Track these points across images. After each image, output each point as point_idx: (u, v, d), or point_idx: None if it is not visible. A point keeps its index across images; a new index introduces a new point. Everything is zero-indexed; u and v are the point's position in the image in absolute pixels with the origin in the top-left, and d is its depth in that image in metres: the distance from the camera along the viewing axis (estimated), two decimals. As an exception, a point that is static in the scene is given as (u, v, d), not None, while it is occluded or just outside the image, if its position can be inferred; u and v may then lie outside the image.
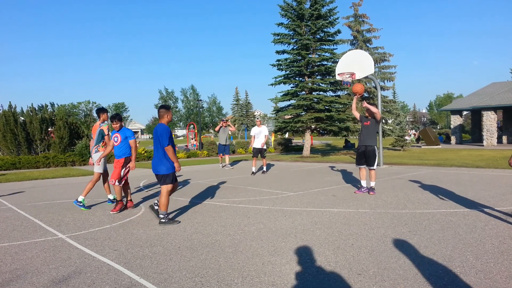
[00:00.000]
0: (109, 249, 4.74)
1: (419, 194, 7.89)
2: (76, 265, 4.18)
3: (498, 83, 34.42)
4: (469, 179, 9.93)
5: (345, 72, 14.46)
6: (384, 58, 26.87)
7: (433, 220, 5.67)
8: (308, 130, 21.27)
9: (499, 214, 5.90)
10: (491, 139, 26.18)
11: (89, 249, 4.77)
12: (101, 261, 4.29)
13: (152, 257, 4.38)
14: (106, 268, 4.08)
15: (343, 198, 7.76)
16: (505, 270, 3.63)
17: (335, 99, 20.59)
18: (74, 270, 4.04)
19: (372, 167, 8.18)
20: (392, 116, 27.61)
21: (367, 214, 6.27)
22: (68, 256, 4.51)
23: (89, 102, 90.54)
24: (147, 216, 6.68)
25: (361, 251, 4.36)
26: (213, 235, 5.26)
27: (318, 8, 20.22)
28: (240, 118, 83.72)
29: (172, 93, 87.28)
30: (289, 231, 5.34)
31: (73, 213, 7.10)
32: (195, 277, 3.74)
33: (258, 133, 13.13)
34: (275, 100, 22.03)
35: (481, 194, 7.69)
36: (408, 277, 3.55)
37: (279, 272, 3.81)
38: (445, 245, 4.46)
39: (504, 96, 25.86)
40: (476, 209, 6.34)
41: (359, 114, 8.73)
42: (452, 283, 3.40)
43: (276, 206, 7.17)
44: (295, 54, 20.73)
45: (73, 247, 4.91)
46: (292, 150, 28.22)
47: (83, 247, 4.89)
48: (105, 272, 3.94)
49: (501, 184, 8.95)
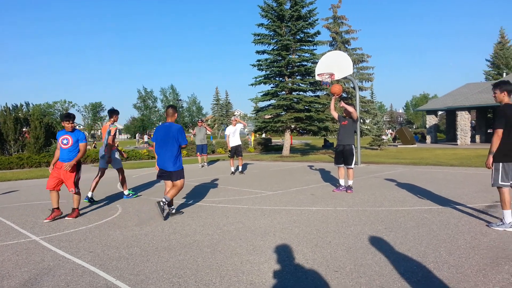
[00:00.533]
0: (84, 251, 4.66)
1: (395, 192, 8.04)
2: (50, 268, 4.09)
3: (472, 84, 35.39)
4: (443, 177, 10.17)
5: (325, 73, 14.61)
6: (362, 59, 27.24)
7: (408, 217, 5.78)
8: (288, 129, 21.38)
9: (472, 211, 6.07)
10: (465, 139, 26.88)
11: (63, 251, 4.67)
12: (76, 263, 4.21)
13: (129, 258, 4.32)
14: (81, 270, 4.00)
15: (322, 197, 7.84)
16: (476, 265, 3.74)
17: (314, 99, 20.77)
18: (48, 272, 3.94)
19: (350, 166, 8.29)
20: (370, 116, 28.01)
21: (345, 212, 6.35)
22: (42, 259, 4.41)
23: (65, 101, 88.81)
24: (124, 217, 6.59)
25: (339, 248, 4.41)
26: (191, 235, 5.23)
27: (298, 9, 20.34)
28: (220, 118, 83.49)
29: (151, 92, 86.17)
30: (268, 230, 5.35)
31: (47, 214, 6.93)
32: (173, 277, 3.71)
33: (233, 132, 13.02)
34: (255, 100, 22.06)
35: (455, 192, 7.89)
36: (383, 273, 3.61)
37: (258, 270, 3.82)
38: (419, 242, 4.56)
39: (477, 97, 26.59)
40: (449, 206, 6.51)
41: (337, 114, 8.82)
42: (425, 278, 3.48)
43: (255, 205, 7.18)
44: (276, 55, 20.81)
45: (47, 249, 4.80)
46: (271, 149, 28.31)
47: (57, 249, 4.78)
48: (79, 274, 3.87)
49: (474, 182, 9.21)
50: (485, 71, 55.09)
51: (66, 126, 6.54)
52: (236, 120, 13.28)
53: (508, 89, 5.00)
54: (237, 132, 13.07)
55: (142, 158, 21.61)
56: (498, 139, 4.91)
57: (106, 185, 10.81)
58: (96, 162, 20.00)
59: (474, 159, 15.03)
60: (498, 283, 3.30)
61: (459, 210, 6.19)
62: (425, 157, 17.14)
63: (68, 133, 6.55)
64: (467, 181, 9.40)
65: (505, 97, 5.02)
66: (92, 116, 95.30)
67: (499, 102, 5.11)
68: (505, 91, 5.01)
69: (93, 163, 19.84)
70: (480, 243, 4.41)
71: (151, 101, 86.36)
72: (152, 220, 6.22)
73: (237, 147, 12.91)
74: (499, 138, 4.91)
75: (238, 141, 13.02)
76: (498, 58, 52.40)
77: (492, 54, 54.31)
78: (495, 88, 5.09)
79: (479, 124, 30.47)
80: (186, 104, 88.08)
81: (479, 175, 10.33)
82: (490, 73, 53.42)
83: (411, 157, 17.54)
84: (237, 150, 12.91)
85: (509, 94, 5.02)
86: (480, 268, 3.65)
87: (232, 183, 10.60)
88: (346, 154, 8.25)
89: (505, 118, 4.87)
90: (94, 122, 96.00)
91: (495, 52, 53.45)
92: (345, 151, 8.26)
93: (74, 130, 6.63)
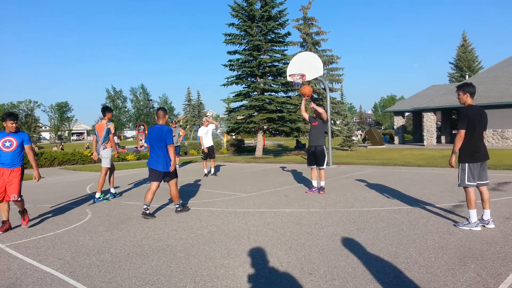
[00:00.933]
0: (53, 258, 4.50)
1: (365, 193, 8.20)
2: (17, 277, 3.93)
3: (437, 86, 36.64)
4: (411, 178, 10.47)
5: (296, 74, 14.73)
6: (332, 61, 27.63)
7: (379, 218, 5.91)
8: (261, 130, 21.44)
9: (439, 211, 6.27)
10: (431, 139, 27.76)
11: (31, 259, 4.50)
12: (44, 271, 4.06)
13: (100, 265, 4.21)
14: (49, 278, 3.87)
15: (295, 198, 7.90)
16: (445, 264, 3.86)
17: (286, 100, 20.92)
18: (14, 282, 3.79)
19: (321, 167, 8.40)
20: (340, 117, 28.49)
21: (318, 213, 6.42)
22: (8, 267, 4.23)
23: (30, 101, 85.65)
24: (94, 221, 6.42)
25: (312, 250, 4.45)
26: (164, 240, 5.16)
27: (268, 10, 20.44)
28: (192, 119, 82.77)
29: (120, 92, 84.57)
30: (242, 233, 5.34)
31: (13, 220, 6.65)
32: (145, 284, 3.65)
33: (205, 133, 12.92)
34: (228, 100, 21.98)
35: (422, 192, 8.13)
36: (356, 275, 3.67)
37: (232, 275, 3.81)
38: (390, 242, 4.66)
39: (442, 98, 27.52)
40: (418, 206, 6.70)
41: (308, 115, 8.91)
42: (397, 278, 3.56)
43: (229, 208, 7.15)
44: (247, 55, 20.82)
45: (13, 257, 4.62)
46: (244, 151, 28.31)
47: (24, 256, 4.60)
48: (48, 283, 3.74)
49: (440, 182, 9.51)
50: (449, 73, 57.21)
51: (8, 127, 5.90)
52: (207, 121, 13.18)
53: (470, 91, 5.19)
54: (210, 132, 13.00)
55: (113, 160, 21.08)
56: (460, 139, 5.10)
57: (74, 188, 10.51)
58: (64, 164, 19.39)
59: (440, 159, 15.54)
60: (466, 281, 3.43)
61: (427, 210, 6.38)
62: (393, 157, 17.59)
63: (11, 134, 5.94)
64: (434, 181, 9.70)
65: (468, 98, 5.21)
66: (58, 117, 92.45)
67: (462, 104, 5.30)
68: (468, 93, 5.20)
69: (60, 165, 19.24)
70: (448, 243, 4.56)
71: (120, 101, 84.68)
72: (124, 225, 6.09)
73: (210, 147, 12.82)
74: (462, 139, 5.09)
75: (211, 142, 12.95)
76: (461, 61, 54.46)
77: (455, 57, 56.42)
78: (459, 90, 5.28)
79: (444, 125, 31.54)
80: (157, 104, 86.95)
81: (445, 175, 10.69)
82: (454, 75, 55.46)
83: (380, 157, 17.95)
84: (210, 152, 12.82)
85: (471, 96, 5.21)
86: (448, 268, 3.77)
87: (205, 185, 10.53)
88: (318, 155, 8.35)
89: (468, 120, 5.06)
90: (61, 122, 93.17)
91: (458, 55, 55.54)
92: (316, 152, 8.35)
93: (18, 131, 6.04)
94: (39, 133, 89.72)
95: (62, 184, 11.77)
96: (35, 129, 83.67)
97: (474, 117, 5.07)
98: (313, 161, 8.47)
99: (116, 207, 7.65)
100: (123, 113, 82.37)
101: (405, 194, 7.92)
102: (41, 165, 18.49)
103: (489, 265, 3.79)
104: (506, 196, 7.18)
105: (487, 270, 3.66)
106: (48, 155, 19.56)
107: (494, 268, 3.71)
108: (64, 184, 11.74)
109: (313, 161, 8.47)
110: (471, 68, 52.86)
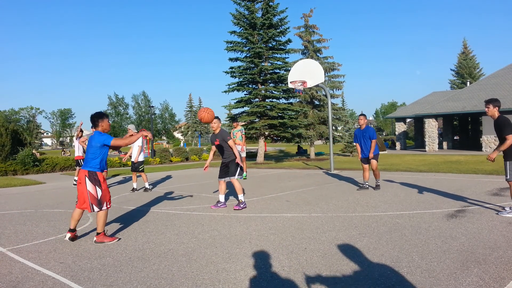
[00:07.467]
0: (54, 262, 4.50)
1: (367, 198, 8.18)
2: (18, 280, 3.92)
3: (438, 92, 36.68)
4: (413, 183, 10.44)
5: (297, 80, 14.80)
6: (333, 68, 27.65)
7: (381, 223, 5.90)
8: (262, 136, 21.47)
9: (441, 216, 6.25)
10: (433, 145, 27.73)
11: (32, 263, 4.49)
12: (46, 275, 4.06)
13: (101, 269, 4.20)
14: (51, 282, 3.86)
15: (297, 203, 7.88)
16: (447, 268, 3.85)
17: (287, 106, 20.97)
18: (16, 285, 3.78)
19: (233, 177, 7.74)
20: (342, 123, 28.49)
21: (320, 218, 6.41)
22: (9, 271, 4.23)
23: (32, 108, 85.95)
24: (95, 226, 6.39)
25: (314, 255, 4.44)
26: (166, 244, 5.15)
27: (270, 18, 20.57)
28: (194, 125, 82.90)
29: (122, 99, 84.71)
30: (244, 237, 5.33)
31: (15, 225, 6.67)
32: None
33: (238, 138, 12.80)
34: (229, 107, 22.05)
35: (424, 197, 8.11)
36: (359, 279, 3.66)
37: (234, 279, 3.80)
38: (392, 246, 4.65)
39: (444, 105, 27.53)
40: (420, 211, 6.68)
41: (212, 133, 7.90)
42: (400, 283, 3.55)
43: (230, 213, 7.14)
44: (248, 62, 20.92)
45: (14, 261, 4.61)
46: (246, 156, 28.24)
47: (26, 260, 4.60)
48: (50, 286, 3.73)
49: (442, 187, 9.49)
50: (450, 80, 57.36)
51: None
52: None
53: (499, 105, 6.29)
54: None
55: (114, 165, 21.15)
56: (511, 143, 5.96)
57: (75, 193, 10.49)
58: (65, 170, 19.43)
59: (442, 165, 15.51)
60: (469, 286, 3.41)
61: (429, 214, 6.36)
62: (395, 163, 17.56)
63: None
64: (435, 186, 9.67)
65: (496, 111, 6.24)
66: (61, 123, 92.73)
67: (490, 115, 6.30)
68: (497, 106, 6.26)
69: (62, 171, 19.27)
70: (451, 247, 4.54)
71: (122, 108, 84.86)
72: (125, 229, 6.08)
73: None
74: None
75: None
76: (462, 68, 54.59)
77: (456, 64, 56.58)
78: (489, 104, 6.27)
79: (445, 131, 31.53)
80: (159, 111, 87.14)
81: (447, 181, 10.66)
82: (455, 82, 55.57)
83: (381, 163, 17.89)
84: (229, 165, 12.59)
85: (499, 109, 6.27)
86: (451, 272, 3.75)
87: (207, 190, 10.52)
88: (230, 165, 7.68)
89: (510, 126, 5.97)
90: (63, 129, 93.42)
91: (459, 62, 55.69)
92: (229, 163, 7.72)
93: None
94: (41, 139, 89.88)
95: (63, 190, 11.77)
96: (36, 135, 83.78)
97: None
98: (224, 173, 7.81)
99: (117, 212, 7.65)
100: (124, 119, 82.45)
101: (407, 199, 7.90)
102: (42, 171, 18.60)
103: (492, 270, 3.77)
104: (509, 201, 7.15)
105: (489, 275, 3.65)
106: (49, 160, 19.61)
107: (497, 273, 3.69)
108: (65, 190, 11.74)
109: (224, 173, 7.81)
110: (472, 75, 52.96)
